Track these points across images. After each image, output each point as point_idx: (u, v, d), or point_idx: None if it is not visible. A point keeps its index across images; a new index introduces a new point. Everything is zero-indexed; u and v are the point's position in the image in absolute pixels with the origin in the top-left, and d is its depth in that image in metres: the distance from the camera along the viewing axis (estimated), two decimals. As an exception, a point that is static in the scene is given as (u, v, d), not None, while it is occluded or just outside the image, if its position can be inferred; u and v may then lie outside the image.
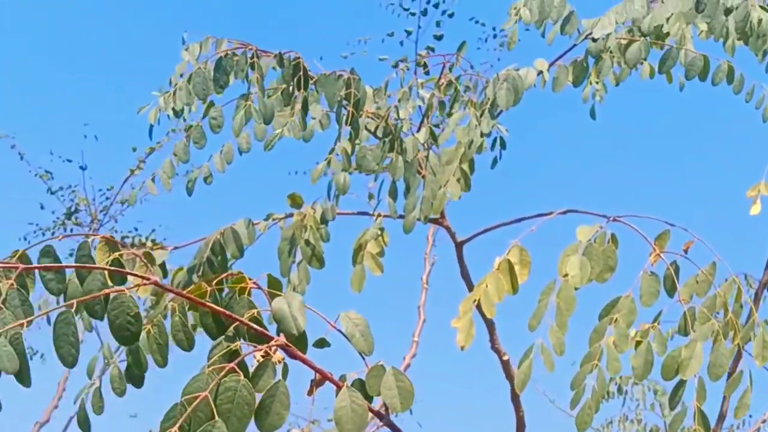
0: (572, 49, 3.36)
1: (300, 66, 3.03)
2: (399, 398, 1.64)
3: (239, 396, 1.51)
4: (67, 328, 1.57)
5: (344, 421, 1.58)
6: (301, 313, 1.63)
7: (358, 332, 1.67)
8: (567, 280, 2.47)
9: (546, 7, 3.35)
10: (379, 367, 1.66)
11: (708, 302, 2.56)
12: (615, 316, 2.45)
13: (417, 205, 2.94)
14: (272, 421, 1.53)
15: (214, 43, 3.13)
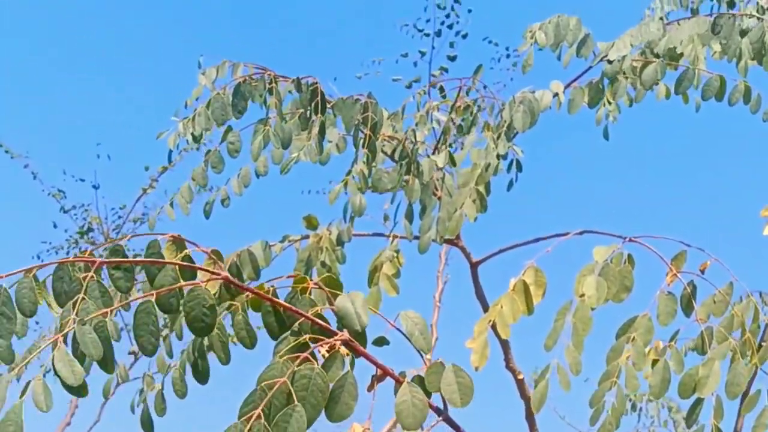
0: (587, 71, 3.39)
1: (317, 91, 3.07)
2: (459, 393, 1.70)
3: (313, 384, 1.58)
4: (148, 318, 1.66)
5: (405, 415, 1.64)
6: (364, 311, 1.70)
7: (417, 330, 1.75)
8: (583, 300, 2.48)
9: (561, 30, 3.38)
10: (439, 363, 1.72)
11: (725, 322, 2.56)
12: (632, 335, 2.46)
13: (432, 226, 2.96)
14: (341, 411, 1.59)
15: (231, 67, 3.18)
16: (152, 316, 1.65)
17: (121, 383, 3.44)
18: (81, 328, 1.62)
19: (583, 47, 3.39)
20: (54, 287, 1.69)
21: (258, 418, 1.53)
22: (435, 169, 3.04)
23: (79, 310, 1.63)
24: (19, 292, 1.66)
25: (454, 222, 2.95)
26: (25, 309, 1.65)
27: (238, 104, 3.04)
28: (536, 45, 3.38)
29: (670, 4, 4.01)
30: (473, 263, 3.30)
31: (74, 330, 1.62)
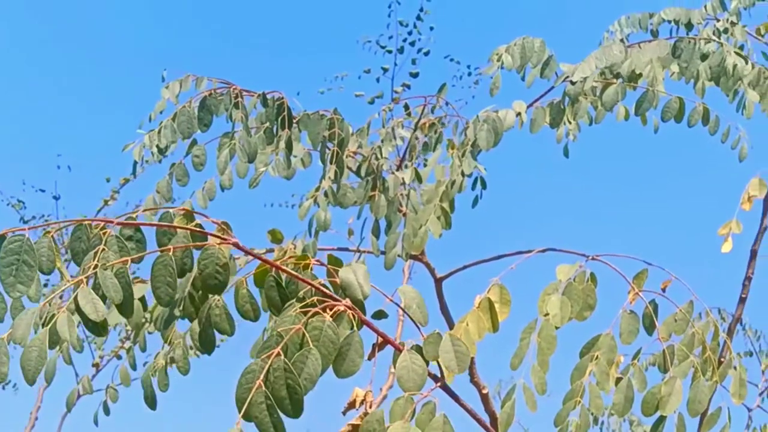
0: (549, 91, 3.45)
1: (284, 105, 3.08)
2: (456, 360, 1.81)
3: (325, 335, 1.69)
4: (165, 270, 1.77)
5: (405, 379, 1.75)
6: (366, 281, 1.80)
7: (414, 304, 1.85)
8: (548, 319, 2.51)
9: (527, 52, 3.43)
10: (436, 334, 1.82)
11: (686, 340, 2.61)
12: (596, 354, 2.49)
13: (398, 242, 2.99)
14: (348, 368, 1.71)
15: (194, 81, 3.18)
16: (169, 268, 1.76)
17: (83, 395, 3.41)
18: (103, 272, 1.71)
19: (546, 68, 3.45)
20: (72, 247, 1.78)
21: (278, 356, 1.63)
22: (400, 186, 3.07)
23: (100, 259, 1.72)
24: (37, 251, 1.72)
25: (419, 238, 2.98)
26: (43, 266, 1.71)
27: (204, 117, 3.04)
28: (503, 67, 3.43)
29: (630, 27, 4.09)
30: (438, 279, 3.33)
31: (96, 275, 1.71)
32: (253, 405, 1.61)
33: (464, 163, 3.03)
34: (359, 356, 1.71)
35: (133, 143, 3.15)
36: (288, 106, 3.08)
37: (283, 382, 1.63)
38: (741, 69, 3.31)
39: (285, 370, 1.63)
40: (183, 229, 1.82)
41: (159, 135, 3.07)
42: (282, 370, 1.63)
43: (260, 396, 1.61)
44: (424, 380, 1.78)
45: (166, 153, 3.07)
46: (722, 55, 3.30)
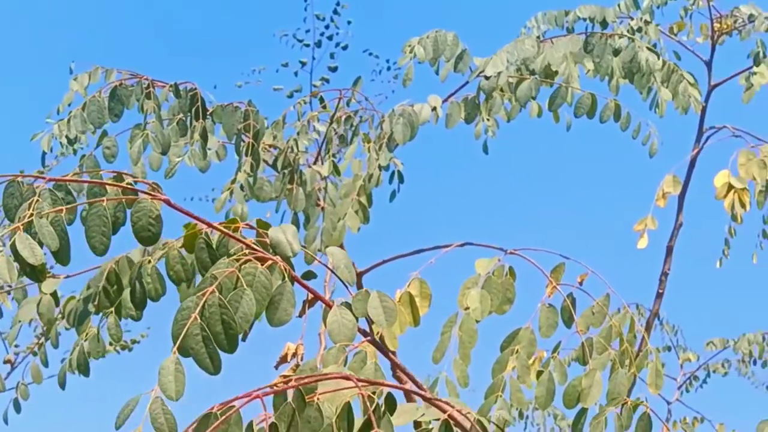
0: (464, 86, 3.47)
1: (197, 96, 3.04)
2: (384, 315, 1.90)
3: (258, 280, 1.76)
4: (99, 220, 1.84)
5: (336, 333, 1.85)
6: (295, 239, 1.87)
7: (342, 264, 1.92)
8: (468, 313, 2.53)
9: (440, 45, 3.45)
10: (365, 291, 1.90)
11: (604, 332, 2.65)
12: (516, 348, 2.52)
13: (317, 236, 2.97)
14: (281, 316, 1.77)
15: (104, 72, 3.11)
16: (104, 218, 1.84)
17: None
18: (38, 220, 1.76)
19: (460, 62, 3.48)
20: (5, 204, 1.82)
21: (212, 293, 1.68)
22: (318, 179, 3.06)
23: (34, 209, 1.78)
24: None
25: (337, 232, 2.97)
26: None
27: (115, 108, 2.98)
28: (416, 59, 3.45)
29: (546, 24, 4.15)
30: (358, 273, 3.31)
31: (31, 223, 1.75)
32: (189, 337, 1.66)
33: (380, 156, 3.04)
34: (291, 306, 1.77)
35: (42, 133, 3.06)
36: (201, 97, 3.04)
37: (218, 318, 1.68)
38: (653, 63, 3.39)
39: (220, 306, 1.68)
40: (115, 185, 1.87)
41: (68, 125, 3.00)
42: (217, 306, 1.68)
43: (196, 328, 1.66)
44: (354, 333, 1.86)
45: (76, 143, 3.00)
46: (634, 50, 3.37)
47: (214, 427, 1.55)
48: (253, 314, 1.71)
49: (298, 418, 1.61)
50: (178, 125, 3.04)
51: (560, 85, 3.40)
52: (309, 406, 1.65)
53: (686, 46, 4.41)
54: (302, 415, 1.62)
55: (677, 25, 4.58)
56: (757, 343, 7.19)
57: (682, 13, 4.48)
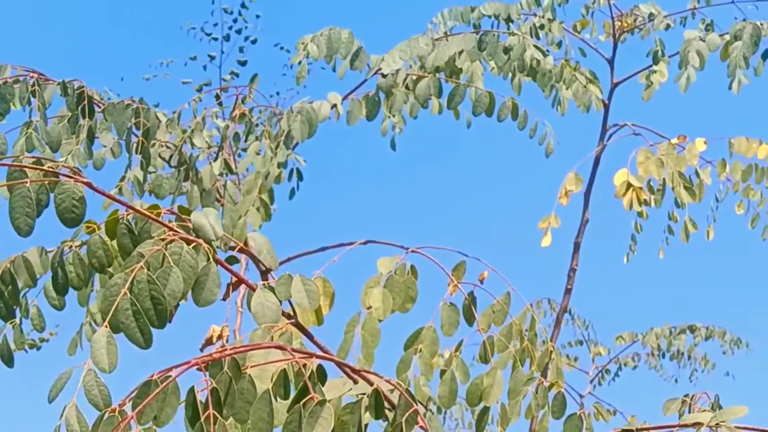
0: (364, 83, 3.49)
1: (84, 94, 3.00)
2: (307, 298, 1.98)
3: (184, 259, 1.81)
4: (23, 201, 1.88)
5: (260, 315, 1.91)
6: (218, 224, 1.92)
7: (265, 250, 2.01)
8: (371, 312, 2.54)
9: (334, 42, 3.46)
10: (287, 275, 1.97)
11: (505, 331, 2.69)
12: (419, 347, 2.53)
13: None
14: (207, 296, 1.82)
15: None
16: (27, 199, 1.88)
17: None
18: None
19: (356, 60, 3.50)
20: None
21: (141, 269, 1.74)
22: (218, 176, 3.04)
23: None
24: None
25: (238, 230, 2.95)
26: None
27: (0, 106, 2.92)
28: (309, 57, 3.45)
29: (453, 20, 4.19)
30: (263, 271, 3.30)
31: None
32: (119, 312, 1.71)
33: (278, 154, 3.03)
34: (216, 286, 1.82)
35: (-77, 131, 2.98)
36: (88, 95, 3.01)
37: (147, 294, 1.74)
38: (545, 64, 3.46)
39: (149, 282, 1.74)
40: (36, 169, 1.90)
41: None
42: (146, 282, 1.74)
43: (126, 303, 1.72)
44: (278, 316, 1.93)
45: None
46: (523, 47, 3.43)
47: (155, 394, 1.62)
48: (181, 291, 1.77)
49: (234, 386, 1.68)
50: (68, 123, 2.99)
51: (458, 84, 3.44)
52: (242, 379, 1.71)
53: (589, 44, 4.50)
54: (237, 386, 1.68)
55: (581, 22, 4.66)
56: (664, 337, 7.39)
57: (584, 12, 4.57)
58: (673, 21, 4.42)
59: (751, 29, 3.88)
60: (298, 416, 1.68)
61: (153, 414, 1.65)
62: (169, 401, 1.65)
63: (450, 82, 3.44)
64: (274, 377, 1.75)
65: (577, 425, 2.39)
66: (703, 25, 4.31)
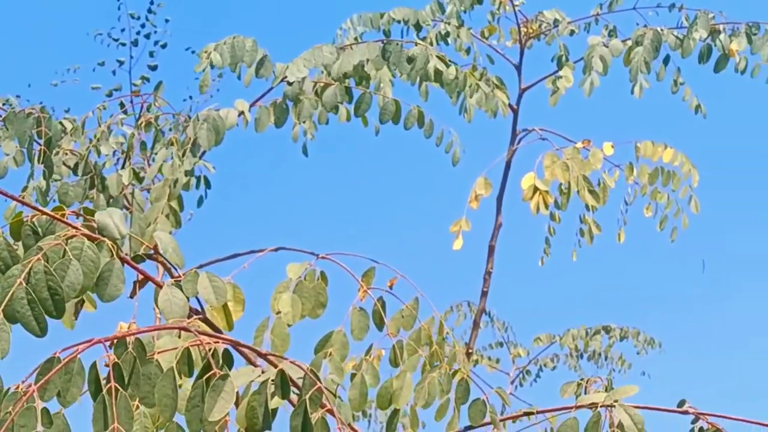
0: (270, 91, 3.54)
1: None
2: (214, 294, 2.05)
3: (85, 254, 1.87)
4: None
5: (168, 311, 1.96)
6: (122, 223, 1.97)
7: (170, 248, 2.09)
8: (280, 317, 2.59)
9: (238, 51, 3.51)
10: (194, 272, 2.05)
11: (414, 335, 2.77)
12: (329, 350, 2.60)
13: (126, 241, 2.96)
14: (111, 291, 1.89)
15: None
16: None
17: None
18: None
19: (261, 68, 3.55)
20: None
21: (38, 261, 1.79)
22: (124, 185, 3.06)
23: None
24: None
25: (147, 237, 2.97)
26: None
27: None
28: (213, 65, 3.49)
29: (362, 26, 4.26)
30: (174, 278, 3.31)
31: None
32: (15, 301, 1.77)
33: (185, 161, 3.07)
34: (121, 282, 1.89)
35: None
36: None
37: (45, 284, 1.79)
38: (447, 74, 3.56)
39: (45, 273, 1.79)
40: None
41: None
42: (42, 273, 1.80)
43: (21, 292, 1.78)
44: (186, 311, 1.99)
45: None
46: (426, 57, 3.52)
47: (56, 369, 1.70)
48: (80, 284, 1.83)
49: (139, 367, 1.76)
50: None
51: (365, 91, 3.52)
52: (149, 363, 1.78)
53: (497, 50, 4.61)
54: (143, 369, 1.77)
55: (488, 29, 4.77)
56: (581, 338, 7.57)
57: (490, 18, 4.67)
58: (578, 27, 4.56)
59: (651, 35, 4.03)
60: (201, 391, 1.77)
61: (56, 390, 1.72)
62: (74, 381, 1.72)
63: (359, 89, 3.51)
64: (178, 355, 1.83)
65: (481, 410, 2.55)
66: (606, 31, 4.46)
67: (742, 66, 4.29)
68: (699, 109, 4.60)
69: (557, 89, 4.30)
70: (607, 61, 4.00)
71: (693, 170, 4.38)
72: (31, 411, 1.68)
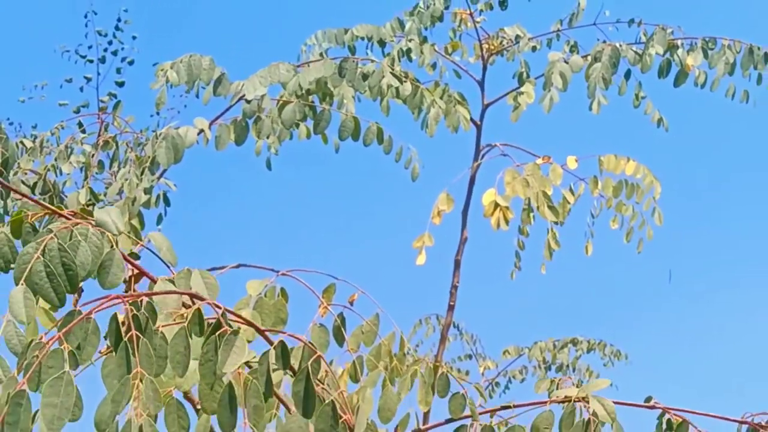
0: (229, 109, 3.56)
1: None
2: (207, 290, 2.12)
3: (90, 239, 1.99)
4: None
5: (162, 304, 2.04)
6: (120, 220, 2.07)
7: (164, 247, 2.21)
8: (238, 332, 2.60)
9: (194, 69, 3.54)
10: (187, 270, 2.14)
11: (374, 351, 2.79)
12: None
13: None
14: (112, 279, 1.99)
15: None
16: None
17: None
18: None
19: (219, 86, 3.58)
20: None
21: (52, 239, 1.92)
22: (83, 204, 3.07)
23: None
24: None
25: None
26: None
27: None
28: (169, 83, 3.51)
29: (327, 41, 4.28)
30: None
31: None
32: (33, 274, 1.90)
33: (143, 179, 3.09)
34: (120, 271, 2.00)
35: None
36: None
37: (59, 260, 1.92)
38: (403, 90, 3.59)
39: (59, 250, 1.93)
40: None
41: None
42: (56, 250, 1.93)
43: (39, 266, 1.91)
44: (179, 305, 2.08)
45: None
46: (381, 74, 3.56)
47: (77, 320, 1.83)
48: (90, 263, 1.95)
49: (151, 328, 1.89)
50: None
51: (324, 108, 3.55)
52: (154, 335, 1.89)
53: (460, 66, 4.65)
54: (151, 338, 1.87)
55: (451, 44, 4.80)
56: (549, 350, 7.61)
57: (452, 34, 4.71)
58: (540, 43, 4.61)
59: (610, 51, 4.08)
60: (214, 346, 1.91)
61: (77, 342, 1.84)
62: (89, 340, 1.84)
63: (322, 105, 3.53)
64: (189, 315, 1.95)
65: (461, 403, 2.69)
66: (567, 46, 4.51)
67: (701, 80, 4.35)
68: (661, 122, 4.65)
69: (519, 105, 4.34)
70: (567, 77, 4.04)
71: (655, 182, 4.43)
72: (58, 353, 1.80)
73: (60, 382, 1.77)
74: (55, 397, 1.75)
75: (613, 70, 4.04)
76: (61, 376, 1.77)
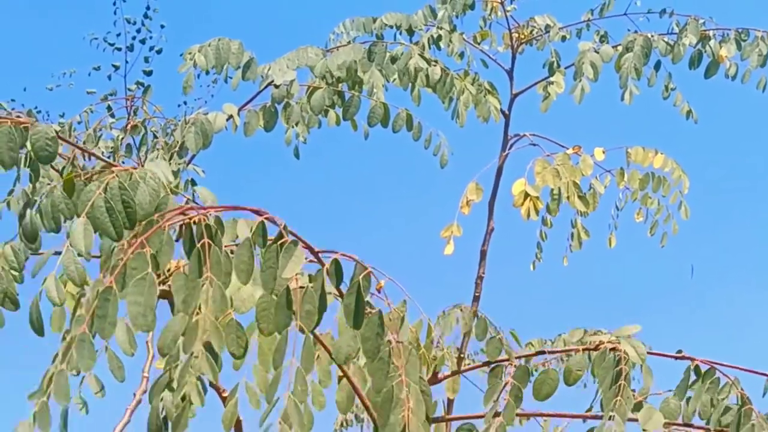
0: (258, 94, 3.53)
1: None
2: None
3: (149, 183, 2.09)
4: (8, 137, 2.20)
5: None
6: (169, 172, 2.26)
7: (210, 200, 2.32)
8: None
9: (223, 53, 3.51)
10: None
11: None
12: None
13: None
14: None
15: None
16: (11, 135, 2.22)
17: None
18: None
19: (248, 71, 3.55)
20: None
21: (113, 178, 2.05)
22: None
23: None
24: None
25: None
26: None
27: None
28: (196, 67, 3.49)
29: (355, 30, 4.25)
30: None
31: None
32: (95, 208, 2.03)
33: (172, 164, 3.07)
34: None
35: None
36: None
37: (119, 198, 2.06)
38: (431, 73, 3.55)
39: (120, 188, 2.06)
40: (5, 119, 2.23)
41: None
42: (117, 188, 2.07)
43: (100, 201, 2.04)
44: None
45: None
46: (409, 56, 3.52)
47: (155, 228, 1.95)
48: (148, 204, 2.05)
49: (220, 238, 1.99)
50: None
51: (354, 95, 3.51)
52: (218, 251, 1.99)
53: (489, 55, 4.61)
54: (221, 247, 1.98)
55: (480, 34, 4.77)
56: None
57: (482, 23, 4.67)
58: (569, 32, 4.57)
59: (642, 41, 4.04)
60: (275, 254, 2.01)
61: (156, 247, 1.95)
62: (164, 250, 1.94)
63: (352, 93, 3.50)
64: (253, 228, 2.03)
65: (497, 347, 2.90)
66: (597, 36, 4.47)
67: (732, 72, 4.30)
68: (690, 114, 4.60)
69: (548, 95, 4.30)
70: (597, 67, 4.00)
71: (683, 176, 4.38)
72: (142, 256, 1.92)
73: (144, 282, 1.90)
74: (140, 296, 1.88)
75: (644, 60, 4.00)
76: (145, 277, 1.90)
